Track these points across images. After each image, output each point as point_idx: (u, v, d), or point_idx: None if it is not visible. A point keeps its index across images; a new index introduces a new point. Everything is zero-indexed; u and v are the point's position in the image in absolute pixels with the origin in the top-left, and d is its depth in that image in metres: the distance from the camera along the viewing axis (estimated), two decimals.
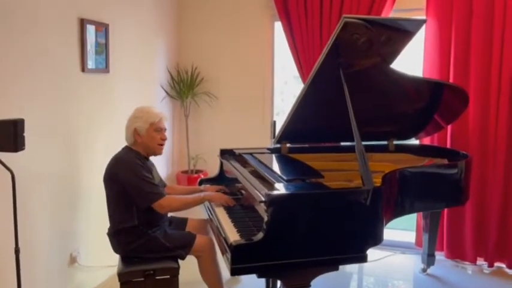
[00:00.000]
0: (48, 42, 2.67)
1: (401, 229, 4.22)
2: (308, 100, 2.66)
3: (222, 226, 2.28)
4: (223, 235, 2.17)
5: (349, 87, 2.37)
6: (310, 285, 2.06)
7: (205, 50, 4.19)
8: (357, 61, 2.54)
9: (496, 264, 3.44)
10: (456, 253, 3.55)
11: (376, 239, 2.11)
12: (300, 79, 3.81)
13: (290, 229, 1.97)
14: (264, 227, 1.94)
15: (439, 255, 3.50)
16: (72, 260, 2.93)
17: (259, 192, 2.11)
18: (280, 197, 1.98)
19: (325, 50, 2.37)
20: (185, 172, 4.18)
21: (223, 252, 2.13)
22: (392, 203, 2.37)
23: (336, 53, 2.37)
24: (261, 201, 1.99)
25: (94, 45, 3.03)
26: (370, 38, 2.37)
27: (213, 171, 3.26)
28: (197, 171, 4.16)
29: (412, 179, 2.56)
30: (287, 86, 5.96)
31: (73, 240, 2.95)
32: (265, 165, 2.58)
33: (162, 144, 2.60)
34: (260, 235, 1.95)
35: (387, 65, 2.60)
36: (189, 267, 2.59)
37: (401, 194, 2.46)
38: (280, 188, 2.07)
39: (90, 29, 2.99)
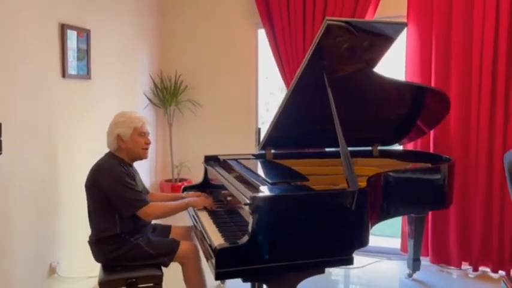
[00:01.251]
0: (29, 47, 2.62)
1: (387, 236, 4.23)
2: (292, 105, 2.65)
3: (206, 231, 2.24)
4: (208, 240, 2.12)
5: (333, 92, 2.38)
6: None
7: (188, 57, 4.17)
8: (340, 66, 2.55)
9: (481, 268, 3.45)
10: (441, 258, 3.56)
11: (361, 241, 2.09)
12: (284, 89, 3.82)
13: (275, 231, 1.94)
14: (249, 229, 1.91)
15: (424, 261, 3.50)
16: (52, 271, 2.84)
17: (244, 195, 2.08)
18: (265, 198, 1.95)
19: (308, 53, 2.37)
20: (169, 181, 4.13)
21: (207, 258, 2.08)
22: (377, 205, 2.37)
23: (319, 56, 2.37)
24: (246, 204, 1.96)
25: (75, 51, 2.99)
26: (353, 44, 2.39)
27: (197, 179, 3.21)
28: (181, 180, 4.11)
29: (397, 182, 2.57)
30: (272, 97, 5.98)
31: (52, 249, 2.86)
32: (250, 170, 2.55)
33: (146, 148, 2.55)
34: (245, 238, 1.91)
35: (370, 69, 2.61)
36: (172, 276, 2.53)
37: (386, 196, 2.46)
38: (265, 191, 2.04)
39: (71, 35, 2.95)
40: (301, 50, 3.64)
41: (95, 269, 3.11)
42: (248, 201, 1.95)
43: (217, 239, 2.07)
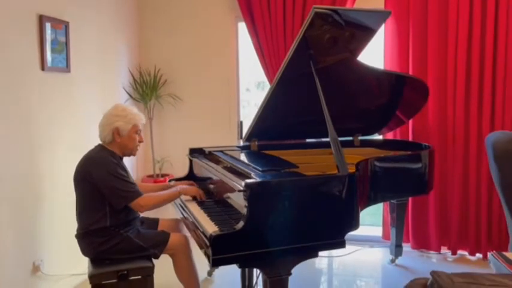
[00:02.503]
0: (6, 39, 2.53)
1: (368, 225, 4.33)
2: (277, 96, 2.66)
3: (198, 220, 2.23)
4: (201, 228, 2.12)
5: (320, 81, 2.41)
6: (291, 274, 2.06)
7: (168, 51, 4.13)
8: (326, 55, 2.59)
9: (459, 252, 3.58)
10: (421, 243, 3.67)
11: (353, 224, 2.14)
12: (262, 85, 3.82)
13: (270, 217, 1.96)
14: (244, 215, 1.92)
15: (406, 247, 3.60)
16: (35, 269, 2.76)
17: (237, 183, 2.09)
18: (260, 184, 1.97)
19: (294, 42, 2.40)
20: (150, 176, 4.08)
21: (202, 247, 2.07)
22: (365, 190, 2.42)
23: (305, 45, 2.40)
24: (240, 191, 1.96)
25: (54, 44, 2.91)
26: (339, 32, 2.43)
27: (179, 174, 3.18)
28: (163, 175, 4.07)
29: (383, 168, 2.63)
30: (248, 93, 5.99)
31: (35, 248, 2.78)
32: (239, 160, 2.56)
33: (138, 146, 2.54)
34: (240, 224, 1.92)
35: (354, 58, 2.66)
36: (163, 269, 2.51)
37: (373, 181, 2.52)
38: (258, 178, 2.06)
39: (50, 27, 2.87)
40: (282, 42, 3.67)
41: (79, 265, 3.08)
42: (242, 188, 1.96)
43: (211, 227, 2.07)
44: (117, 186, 2.30)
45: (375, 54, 3.65)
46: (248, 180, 1.96)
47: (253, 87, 5.98)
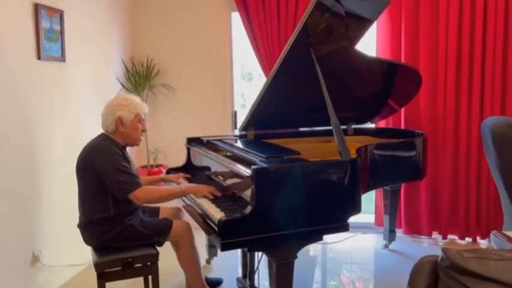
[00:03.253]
0: (1, 27, 2.49)
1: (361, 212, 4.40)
2: (276, 85, 2.68)
3: (203, 207, 2.26)
4: (209, 215, 2.14)
5: (315, 72, 2.44)
6: (297, 257, 2.11)
7: (160, 41, 4.10)
8: (325, 44, 2.62)
9: (449, 236, 3.70)
10: (413, 229, 3.78)
11: (355, 208, 2.20)
12: (249, 76, 3.82)
13: (277, 201, 2.00)
14: (252, 201, 1.96)
15: (398, 232, 3.69)
16: (35, 260, 2.75)
17: (243, 170, 2.12)
18: (268, 169, 2.00)
19: (295, 32, 2.43)
20: (145, 167, 4.07)
21: (209, 233, 2.11)
22: (365, 175, 2.48)
23: (305, 33, 2.44)
24: (249, 176, 2.00)
25: (48, 32, 2.87)
26: (339, 21, 2.48)
27: (174, 165, 3.17)
28: (157, 166, 4.06)
29: (381, 154, 2.70)
30: (237, 85, 6.00)
31: (34, 238, 2.76)
32: (240, 148, 2.59)
33: (142, 135, 2.53)
34: (248, 209, 1.96)
35: (352, 46, 2.71)
36: (165, 258, 2.51)
37: (372, 167, 2.58)
38: (264, 164, 2.09)
39: (45, 15, 2.83)
40: (276, 32, 3.68)
41: (77, 256, 3.08)
42: (251, 174, 1.99)
43: (217, 213, 2.09)
44: (118, 179, 2.28)
45: (367, 42, 3.71)
46: (256, 166, 1.99)
47: (239, 78, 6.00)
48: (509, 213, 2.22)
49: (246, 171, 2.08)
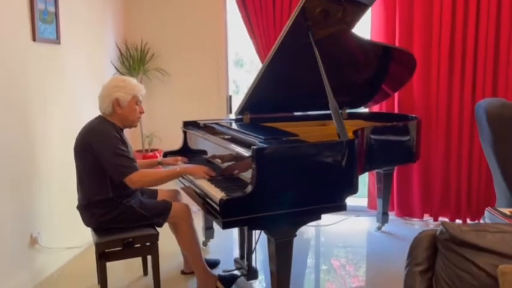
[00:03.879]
0: None
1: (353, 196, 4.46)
2: (272, 69, 2.69)
3: (204, 189, 2.28)
4: (209, 195, 2.17)
5: (311, 57, 2.46)
6: (295, 235, 2.15)
7: (154, 24, 4.08)
8: (323, 27, 2.64)
9: (440, 218, 3.78)
10: (405, 211, 3.85)
11: (353, 188, 2.25)
12: (240, 62, 3.79)
13: (277, 181, 2.03)
14: (253, 180, 1.99)
15: (390, 215, 3.76)
16: (33, 242, 2.76)
17: (243, 151, 2.15)
18: (268, 149, 2.03)
19: (293, 15, 2.44)
20: (140, 151, 4.07)
21: (209, 212, 2.14)
22: (362, 156, 2.52)
23: (303, 17, 2.45)
24: (249, 156, 2.02)
25: (43, 13, 2.84)
26: (332, 8, 2.49)
27: (169, 149, 3.17)
28: (152, 150, 4.07)
29: (376, 136, 2.74)
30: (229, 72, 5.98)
31: (32, 220, 2.77)
32: (238, 131, 2.61)
33: (139, 117, 2.53)
34: (249, 188, 1.99)
35: (350, 29, 2.73)
36: (163, 241, 2.53)
37: (368, 148, 2.63)
38: (265, 145, 2.11)
39: None
40: (272, 17, 3.68)
41: (75, 239, 3.10)
42: (250, 154, 2.02)
43: (218, 193, 2.12)
44: (115, 162, 2.28)
45: (361, 26, 3.72)
46: (256, 147, 2.01)
47: (232, 65, 6.00)
48: (502, 191, 2.29)
49: (246, 152, 2.11)
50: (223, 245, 3.41)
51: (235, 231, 3.53)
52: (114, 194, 2.37)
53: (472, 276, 1.32)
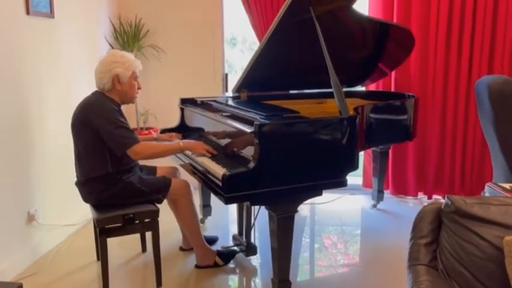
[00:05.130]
0: None
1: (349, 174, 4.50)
2: (271, 46, 2.65)
3: (205, 165, 2.28)
4: (211, 171, 2.17)
5: (310, 34, 2.43)
6: (297, 211, 2.17)
7: (149, 0, 3.99)
8: (323, 5, 2.60)
9: (434, 196, 3.84)
10: (400, 190, 3.90)
11: (353, 165, 2.26)
12: (233, 41, 3.74)
13: (280, 157, 2.04)
14: (256, 156, 1.99)
15: (385, 193, 3.81)
16: (31, 218, 2.74)
17: (245, 127, 2.14)
18: (271, 125, 2.03)
19: None
20: (134, 129, 4.01)
21: (211, 188, 2.14)
22: (362, 133, 2.53)
23: None
24: (249, 133, 2.02)
25: None
26: None
27: (164, 127, 3.14)
28: (147, 128, 4.03)
29: (376, 113, 2.75)
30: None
31: (29, 197, 2.74)
32: (238, 108, 2.59)
33: (137, 93, 2.50)
34: (252, 164, 1.99)
35: (351, 5, 2.71)
36: (161, 218, 2.53)
37: (368, 125, 2.63)
38: (264, 121, 2.11)
39: None
40: None
41: (73, 216, 3.10)
42: (252, 130, 2.02)
43: (220, 170, 2.12)
44: (117, 133, 2.26)
45: (359, 3, 3.69)
46: (259, 123, 2.01)
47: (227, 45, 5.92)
48: (501, 167, 2.33)
49: (247, 128, 2.10)
50: (221, 222, 3.43)
51: (232, 210, 3.55)
52: (113, 169, 2.36)
53: (476, 247, 1.35)
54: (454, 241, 1.41)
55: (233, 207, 3.41)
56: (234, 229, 3.19)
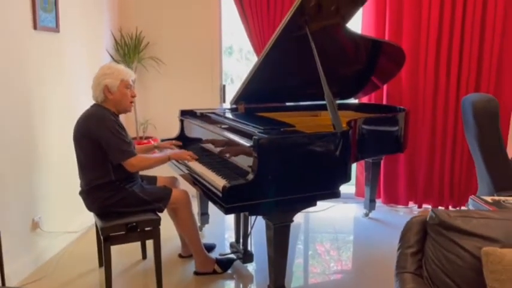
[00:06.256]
0: None
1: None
2: (268, 61, 2.78)
3: (205, 176, 2.39)
4: (211, 182, 2.28)
5: (305, 49, 2.56)
6: (293, 221, 2.28)
7: (149, 12, 4.11)
8: (318, 22, 2.74)
9: (424, 205, 3.98)
10: (391, 199, 4.04)
11: (346, 177, 2.38)
12: (229, 50, 3.83)
13: (277, 170, 2.15)
14: (254, 169, 2.10)
15: (377, 202, 3.94)
16: (35, 226, 2.83)
17: (244, 141, 2.26)
18: (269, 140, 2.15)
19: (291, 10, 2.53)
20: (134, 138, 4.13)
21: (210, 198, 2.25)
22: (354, 146, 2.66)
23: (301, 12, 2.55)
24: (251, 146, 2.13)
25: (43, 2, 2.87)
26: (329, 2, 2.59)
27: (163, 136, 3.28)
28: (147, 138, 4.14)
29: (368, 126, 2.88)
30: None
31: (34, 205, 2.83)
32: (236, 121, 2.70)
33: (132, 101, 2.61)
34: (250, 176, 2.11)
35: (344, 24, 2.84)
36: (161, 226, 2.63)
37: (360, 138, 2.76)
38: (264, 135, 2.22)
39: None
40: (266, 5, 3.76)
41: (74, 223, 3.18)
42: (251, 144, 2.13)
43: (220, 181, 2.23)
44: (114, 143, 2.39)
45: (352, 21, 3.83)
46: (258, 137, 2.12)
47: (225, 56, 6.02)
48: (485, 181, 2.46)
49: (246, 141, 2.21)
50: (218, 230, 3.53)
51: (228, 218, 3.66)
52: (116, 177, 2.46)
53: (458, 257, 1.47)
54: (438, 251, 1.53)
55: (230, 216, 3.52)
56: (230, 237, 3.29)
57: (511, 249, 1.38)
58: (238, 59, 5.98)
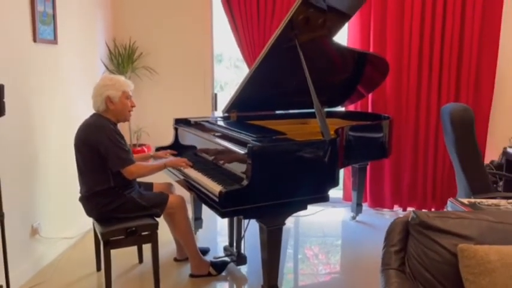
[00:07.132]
0: (1, 11, 2.59)
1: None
2: (260, 72, 2.93)
3: (201, 181, 2.51)
4: (207, 188, 2.40)
5: (295, 60, 2.72)
6: (285, 224, 2.42)
7: (142, 23, 4.22)
8: (307, 34, 2.89)
9: (409, 208, 4.15)
10: (377, 202, 4.20)
11: (335, 182, 2.53)
12: (220, 57, 3.95)
13: (270, 175, 2.29)
14: (248, 175, 2.24)
15: (364, 206, 4.09)
16: (34, 232, 2.91)
17: (238, 148, 2.39)
18: (262, 147, 2.28)
19: (281, 25, 2.68)
20: None
21: (206, 203, 2.37)
22: (342, 152, 2.81)
23: (291, 26, 2.70)
24: (245, 154, 2.27)
25: (42, 15, 2.98)
26: (321, 14, 2.75)
27: (157, 144, 3.40)
28: (140, 145, 4.24)
29: (354, 134, 3.04)
30: None
31: (33, 211, 2.92)
32: (229, 129, 2.83)
33: (131, 111, 2.72)
34: (245, 182, 2.24)
35: (331, 36, 3.00)
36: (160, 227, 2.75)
37: (348, 145, 2.92)
38: (258, 143, 2.36)
39: None
40: (256, 15, 3.90)
41: (72, 229, 3.27)
42: (245, 152, 2.27)
43: (216, 186, 2.35)
44: (113, 151, 2.50)
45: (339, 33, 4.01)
46: (252, 145, 2.26)
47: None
48: (462, 184, 2.63)
49: (240, 149, 2.35)
50: (211, 234, 3.65)
51: (220, 223, 3.78)
52: (115, 184, 2.57)
53: (437, 253, 1.62)
54: (418, 249, 1.68)
55: (222, 221, 3.63)
56: (223, 240, 3.41)
57: (483, 245, 1.54)
58: (228, 66, 6.13)
